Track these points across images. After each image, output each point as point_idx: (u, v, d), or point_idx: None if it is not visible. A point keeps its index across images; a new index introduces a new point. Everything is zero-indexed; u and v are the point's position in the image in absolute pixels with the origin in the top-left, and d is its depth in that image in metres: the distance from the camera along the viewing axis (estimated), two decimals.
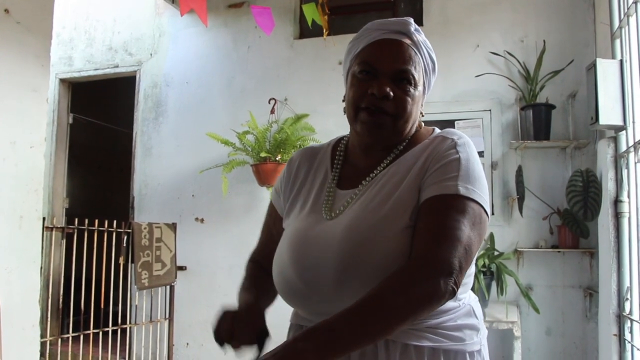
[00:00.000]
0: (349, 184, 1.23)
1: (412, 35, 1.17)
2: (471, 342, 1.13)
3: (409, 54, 1.15)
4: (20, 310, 2.73)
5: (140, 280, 3.79)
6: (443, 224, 1.03)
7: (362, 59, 1.17)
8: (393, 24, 1.18)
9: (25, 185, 2.77)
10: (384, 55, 1.15)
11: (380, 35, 1.17)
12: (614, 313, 3.02)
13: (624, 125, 3.01)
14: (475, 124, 3.98)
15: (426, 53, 1.19)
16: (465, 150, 1.13)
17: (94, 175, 6.31)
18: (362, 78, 1.16)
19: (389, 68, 1.14)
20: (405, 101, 1.14)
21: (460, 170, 1.08)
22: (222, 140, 4.11)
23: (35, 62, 2.84)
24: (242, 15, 4.64)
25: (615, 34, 3.17)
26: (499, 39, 4.02)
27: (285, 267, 1.15)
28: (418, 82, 1.16)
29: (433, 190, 1.08)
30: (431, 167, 1.12)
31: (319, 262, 1.10)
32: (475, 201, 1.06)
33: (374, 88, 1.12)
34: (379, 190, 1.14)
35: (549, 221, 3.77)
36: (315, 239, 1.14)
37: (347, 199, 1.19)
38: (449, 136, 1.17)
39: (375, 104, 1.13)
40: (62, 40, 5.15)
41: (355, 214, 1.13)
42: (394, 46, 1.15)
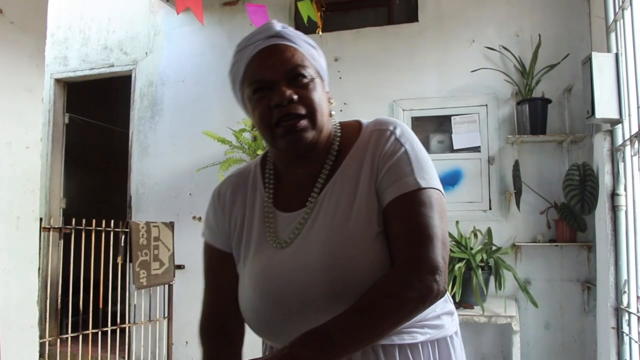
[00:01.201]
0: (291, 203, 1.16)
1: (283, 34, 1.12)
2: (449, 326, 1.16)
3: (290, 52, 1.11)
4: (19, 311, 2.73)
5: (139, 279, 3.79)
6: (417, 224, 1.03)
7: (250, 79, 1.12)
8: (259, 34, 1.13)
9: (21, 186, 2.77)
10: (268, 65, 1.09)
11: (254, 49, 1.12)
12: (612, 306, 3.03)
13: (620, 119, 3.01)
14: (472, 119, 3.99)
15: (302, 42, 1.15)
16: (407, 138, 1.11)
17: (90, 175, 6.30)
18: (259, 97, 1.10)
19: (279, 73, 1.09)
20: (311, 96, 1.09)
21: (411, 162, 1.07)
22: (218, 139, 4.10)
23: (29, 62, 2.83)
24: (237, 13, 4.63)
25: (610, 28, 3.17)
26: (495, 33, 4.02)
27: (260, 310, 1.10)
28: (312, 73, 1.12)
29: (394, 191, 1.06)
30: (381, 167, 1.09)
31: (303, 293, 1.05)
32: (435, 189, 1.07)
33: (275, 99, 1.07)
34: (335, 205, 1.10)
35: (547, 215, 3.78)
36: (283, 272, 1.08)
37: (297, 223, 1.12)
38: (385, 127, 1.13)
39: (285, 112, 1.07)
40: (56, 40, 5.13)
41: (323, 236, 1.07)
42: (272, 52, 1.10)
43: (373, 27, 4.36)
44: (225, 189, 1.27)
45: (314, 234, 1.09)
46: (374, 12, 4.56)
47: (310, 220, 1.11)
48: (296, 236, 1.11)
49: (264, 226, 1.17)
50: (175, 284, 4.26)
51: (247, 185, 1.25)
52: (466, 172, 3.98)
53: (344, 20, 4.53)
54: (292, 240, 1.11)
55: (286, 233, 1.13)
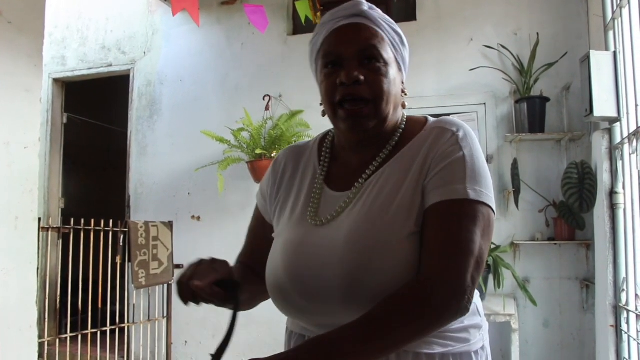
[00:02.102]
0: (340, 184, 1.15)
1: (367, 14, 1.09)
2: (475, 341, 1.10)
3: (370, 32, 1.08)
4: (18, 311, 2.72)
5: (138, 279, 3.78)
6: (454, 236, 0.97)
7: (324, 52, 1.10)
8: (344, 10, 1.10)
9: (20, 186, 2.76)
10: (343, 41, 1.08)
11: (335, 25, 1.10)
12: (610, 304, 3.03)
13: (618, 117, 3.01)
14: (470, 117, 3.98)
15: (387, 27, 1.11)
16: (468, 144, 1.06)
17: (89, 174, 6.29)
18: (329, 72, 1.09)
19: (352, 51, 1.06)
20: (379, 80, 1.06)
21: (466, 170, 1.01)
22: (217, 138, 4.10)
23: (27, 62, 2.82)
24: (235, 12, 4.63)
25: (608, 26, 3.17)
26: (493, 32, 4.02)
27: (282, 282, 1.08)
28: (388, 59, 1.09)
29: (440, 194, 1.00)
30: (434, 166, 1.04)
31: (320, 277, 1.03)
32: (484, 204, 1.00)
33: (341, 77, 1.05)
34: (378, 193, 1.06)
35: (545, 214, 3.78)
36: (312, 250, 1.07)
37: (340, 203, 1.10)
38: (448, 127, 1.08)
39: (349, 92, 1.05)
40: (54, 40, 5.13)
41: (354, 221, 1.05)
42: (351, 29, 1.08)
43: None
44: (282, 159, 1.27)
45: (350, 217, 1.06)
46: None
47: (352, 203, 1.09)
48: (334, 217, 1.09)
49: (308, 201, 1.16)
50: (174, 284, 4.25)
51: (302, 160, 1.25)
52: None
53: None
54: (329, 220, 1.09)
55: (327, 211, 1.11)
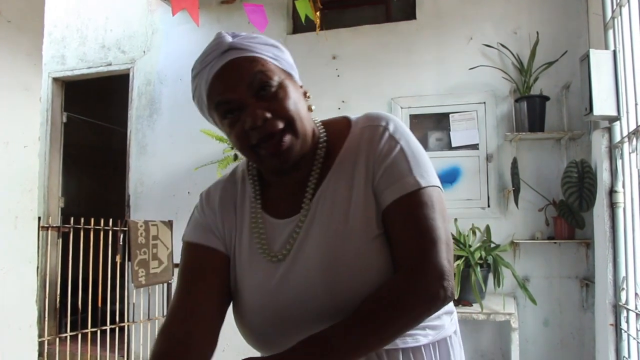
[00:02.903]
0: (281, 210, 1.10)
1: (235, 45, 1.02)
2: (449, 326, 1.12)
3: (247, 62, 1.01)
4: (18, 310, 2.72)
5: (137, 278, 3.78)
6: (419, 227, 0.98)
7: (215, 103, 1.02)
8: (210, 53, 1.03)
9: (19, 185, 2.76)
10: (228, 84, 1.00)
11: (210, 70, 1.02)
12: (610, 303, 3.03)
13: (618, 116, 3.01)
14: (470, 116, 3.99)
15: (260, 46, 1.04)
16: (402, 135, 1.06)
17: (89, 174, 6.29)
18: (230, 121, 1.02)
19: (242, 91, 1.00)
20: (285, 105, 1.01)
21: (409, 160, 1.02)
22: (216, 137, 4.10)
23: (27, 61, 2.82)
24: (235, 11, 4.63)
25: (608, 25, 3.17)
26: (492, 31, 4.02)
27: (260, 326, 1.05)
28: (278, 78, 1.02)
29: (393, 192, 1.01)
30: (377, 167, 1.03)
31: (308, 307, 1.01)
32: (434, 186, 1.02)
33: (247, 122, 0.99)
34: (329, 209, 1.04)
35: (545, 212, 3.78)
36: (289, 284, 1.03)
37: (290, 231, 1.06)
38: (377, 123, 1.07)
39: (263, 133, 0.99)
40: (54, 39, 5.12)
41: (319, 247, 1.02)
42: (228, 69, 1.01)
43: (371, 24, 4.35)
44: (214, 193, 1.18)
45: (310, 244, 1.03)
46: (371, 10, 4.55)
47: (304, 229, 1.05)
48: (291, 247, 1.04)
49: (254, 235, 1.10)
50: (174, 283, 4.26)
51: (236, 191, 1.17)
52: (464, 170, 3.98)
53: (341, 18, 4.52)
54: (287, 252, 1.05)
55: (279, 243, 1.07)
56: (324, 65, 4.32)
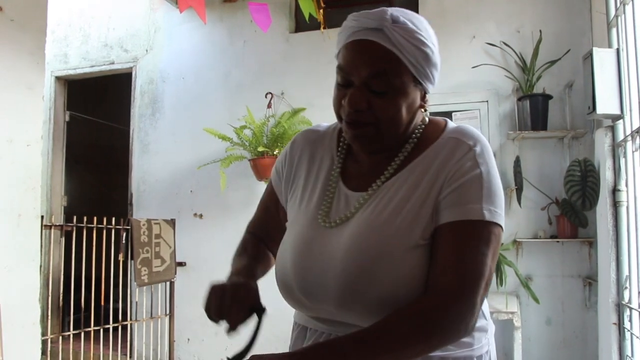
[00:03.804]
0: (355, 183, 1.12)
1: (387, 31, 1.01)
2: (479, 345, 1.09)
3: (383, 56, 1.01)
4: (21, 308, 2.73)
5: (140, 276, 3.79)
6: (468, 257, 0.97)
7: (339, 64, 1.06)
8: (367, 20, 1.03)
9: (22, 184, 2.77)
10: (354, 62, 1.02)
11: (353, 35, 1.04)
12: (613, 302, 3.03)
13: (621, 114, 3.01)
14: (473, 115, 3.98)
15: (409, 46, 1.01)
16: (485, 160, 1.03)
17: (91, 172, 6.30)
18: (339, 85, 1.06)
19: (360, 75, 1.01)
20: (385, 110, 1.02)
21: (483, 189, 1.00)
22: (219, 136, 4.10)
23: (30, 60, 2.82)
24: (238, 10, 4.63)
25: (611, 23, 3.17)
26: (495, 29, 4.01)
27: (287, 274, 1.10)
28: (400, 84, 1.02)
29: (455, 214, 0.99)
30: (450, 182, 1.01)
31: (320, 281, 1.04)
32: (497, 224, 1.00)
33: (345, 100, 1.03)
34: (388, 201, 1.04)
35: (548, 211, 3.77)
36: (318, 252, 1.06)
37: (353, 205, 1.08)
38: (465, 140, 1.05)
39: (351, 117, 1.03)
40: (57, 38, 5.13)
41: (362, 227, 1.04)
42: (364, 49, 1.02)
43: None
44: (301, 142, 1.24)
45: (356, 223, 1.05)
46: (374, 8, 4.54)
47: (362, 208, 1.07)
48: (344, 220, 1.07)
49: (322, 195, 1.14)
50: (176, 281, 4.26)
51: (319, 146, 1.22)
52: None
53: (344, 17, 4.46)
54: (338, 223, 1.07)
55: (338, 212, 1.10)
56: (327, 64, 4.31)
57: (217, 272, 4.89)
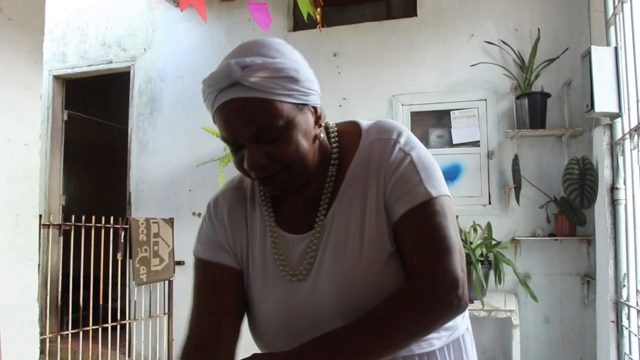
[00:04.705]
0: (294, 225, 1.08)
1: (243, 82, 0.94)
2: (461, 325, 1.12)
3: (253, 108, 0.95)
4: (19, 308, 2.73)
5: (139, 275, 3.79)
6: (433, 235, 0.97)
7: (220, 134, 1.01)
8: (217, 80, 0.97)
9: (20, 183, 2.76)
10: (231, 127, 0.97)
11: (216, 101, 0.98)
12: (611, 300, 3.03)
13: (620, 113, 3.01)
14: (471, 113, 3.98)
15: (270, 82, 0.95)
16: (411, 145, 1.04)
17: (90, 171, 6.30)
18: (232, 151, 1.03)
19: (243, 137, 0.97)
20: (285, 152, 0.97)
21: (419, 171, 1.01)
22: (217, 134, 4.07)
23: (27, 59, 2.82)
24: (236, 9, 4.62)
25: (609, 21, 3.17)
26: (494, 27, 4.02)
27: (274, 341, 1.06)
28: (286, 120, 0.96)
29: (404, 204, 0.99)
30: (388, 181, 1.01)
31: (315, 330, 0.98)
32: (445, 195, 1.01)
33: (245, 163, 0.99)
34: (345, 227, 1.02)
35: (546, 209, 3.78)
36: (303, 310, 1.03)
37: (308, 247, 1.04)
38: (387, 137, 1.05)
39: (260, 175, 1.00)
40: (54, 37, 5.12)
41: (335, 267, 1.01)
42: (231, 111, 0.96)
43: (372, 22, 4.35)
44: (222, 203, 1.16)
45: (326, 265, 1.02)
46: (372, 7, 4.55)
47: (321, 247, 1.04)
48: (310, 267, 1.03)
49: (269, 250, 1.08)
50: (175, 280, 4.26)
51: (245, 201, 1.15)
52: (466, 167, 3.98)
53: (342, 16, 4.52)
54: (307, 272, 1.04)
55: (295, 260, 1.05)
56: (325, 63, 4.31)
57: None
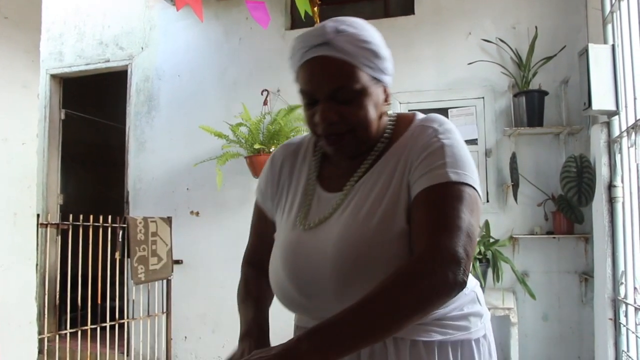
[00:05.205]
0: (332, 185, 1.17)
1: (333, 43, 1.04)
2: (476, 329, 1.13)
3: (338, 68, 1.05)
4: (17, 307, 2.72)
5: (137, 274, 3.79)
6: (441, 214, 0.98)
7: (300, 86, 1.11)
8: (310, 37, 1.06)
9: (18, 182, 2.76)
10: (313, 80, 1.07)
11: (304, 56, 1.08)
12: (609, 297, 3.04)
13: (617, 110, 3.01)
14: (469, 111, 3.98)
15: (358, 50, 1.05)
16: (448, 136, 1.07)
17: (87, 170, 6.28)
18: (306, 104, 1.11)
19: (322, 92, 1.06)
20: (355, 115, 1.06)
21: (446, 156, 1.03)
22: (215, 133, 4.09)
23: (24, 58, 2.81)
24: (233, 7, 4.62)
25: (606, 19, 3.17)
26: (491, 26, 4.01)
27: (282, 281, 1.13)
28: (362, 86, 1.06)
29: (422, 182, 1.02)
30: (415, 159, 1.06)
31: (316, 277, 1.07)
32: (468, 185, 1.01)
33: (317, 117, 1.07)
34: (367, 195, 1.09)
35: (544, 207, 3.78)
36: (304, 253, 1.10)
37: (332, 205, 1.13)
38: (429, 124, 1.10)
39: (327, 131, 1.08)
40: (52, 36, 5.11)
41: (344, 225, 1.07)
42: (318, 66, 1.06)
43: (369, 20, 4.32)
44: (279, 157, 1.29)
45: (339, 221, 1.09)
46: (370, 5, 4.54)
47: (342, 207, 1.11)
48: (322, 221, 1.12)
49: (303, 202, 1.19)
50: (173, 279, 4.26)
51: (297, 156, 1.27)
52: None
53: (339, 14, 4.45)
54: (316, 224, 1.12)
55: (317, 214, 1.14)
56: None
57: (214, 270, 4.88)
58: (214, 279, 4.36)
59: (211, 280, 4.37)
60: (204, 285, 4.42)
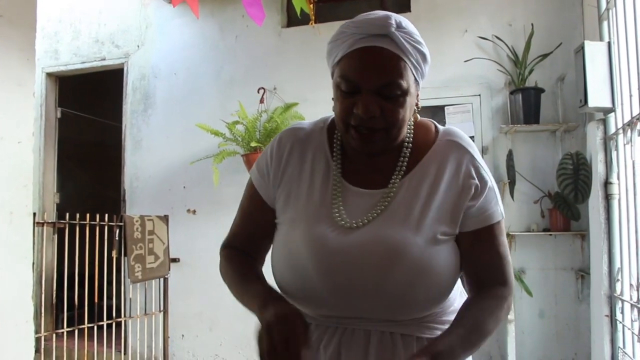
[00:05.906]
0: (359, 181, 1.14)
1: (394, 37, 1.03)
2: None
3: (393, 62, 1.03)
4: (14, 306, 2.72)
5: (134, 273, 3.78)
6: (503, 253, 1.14)
7: (343, 72, 1.05)
8: (371, 26, 1.03)
9: (14, 181, 2.75)
10: (364, 70, 1.03)
11: (358, 43, 1.04)
12: (605, 294, 3.05)
13: (613, 107, 3.02)
14: (465, 109, 3.98)
15: (411, 48, 1.05)
16: (483, 166, 1.16)
17: (84, 169, 6.26)
18: (345, 93, 1.06)
19: (372, 84, 1.03)
20: (396, 113, 1.05)
21: (496, 195, 1.16)
22: (212, 131, 4.09)
23: (19, 56, 2.80)
24: (229, 5, 4.61)
25: (602, 16, 3.18)
26: (487, 23, 4.02)
27: (311, 281, 1.09)
28: (407, 87, 1.05)
29: (484, 220, 1.13)
30: (475, 196, 1.12)
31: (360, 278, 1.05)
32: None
33: (359, 107, 1.03)
34: (412, 199, 1.09)
35: (540, 204, 3.79)
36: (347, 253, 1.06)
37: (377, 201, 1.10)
38: (461, 142, 1.15)
39: (363, 124, 1.05)
40: (47, 34, 5.09)
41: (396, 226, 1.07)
42: (373, 56, 1.03)
43: None
44: (287, 140, 1.21)
45: (388, 222, 1.08)
46: (366, 3, 4.54)
47: (390, 203, 1.10)
48: (373, 218, 1.09)
49: (329, 198, 1.13)
50: (170, 277, 4.25)
51: (309, 146, 1.20)
52: None
53: (336, 11, 4.50)
54: (366, 222, 1.09)
55: (359, 212, 1.10)
56: (319, 58, 4.27)
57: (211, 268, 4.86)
58: (211, 277, 4.35)
59: (208, 278, 4.36)
60: (201, 284, 4.41)
